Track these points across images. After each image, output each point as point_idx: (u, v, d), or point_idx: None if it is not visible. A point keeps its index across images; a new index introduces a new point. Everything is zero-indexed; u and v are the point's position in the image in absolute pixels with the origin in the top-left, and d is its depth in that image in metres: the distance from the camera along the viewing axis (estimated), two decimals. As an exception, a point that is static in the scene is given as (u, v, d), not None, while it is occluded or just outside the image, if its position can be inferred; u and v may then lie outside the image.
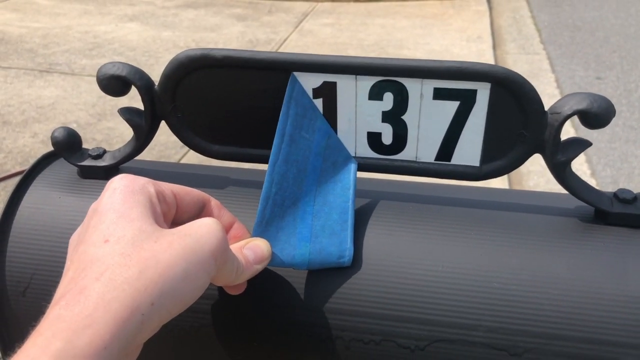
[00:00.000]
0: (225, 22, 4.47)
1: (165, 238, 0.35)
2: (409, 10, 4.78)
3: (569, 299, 0.43)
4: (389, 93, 0.47)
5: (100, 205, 0.38)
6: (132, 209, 0.37)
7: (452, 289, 0.44)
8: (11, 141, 2.64)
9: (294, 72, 0.47)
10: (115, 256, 0.34)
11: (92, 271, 0.33)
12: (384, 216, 0.48)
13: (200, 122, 0.51)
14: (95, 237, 0.35)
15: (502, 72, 0.44)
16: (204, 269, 0.36)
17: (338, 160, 0.48)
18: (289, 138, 0.44)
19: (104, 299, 0.32)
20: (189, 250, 0.35)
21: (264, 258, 0.43)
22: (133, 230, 0.35)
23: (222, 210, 0.44)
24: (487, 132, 0.47)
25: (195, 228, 0.37)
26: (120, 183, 0.39)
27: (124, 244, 0.34)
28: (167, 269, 0.34)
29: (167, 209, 0.40)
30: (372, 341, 0.45)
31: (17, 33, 4.10)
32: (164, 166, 0.57)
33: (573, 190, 0.47)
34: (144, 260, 0.34)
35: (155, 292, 0.33)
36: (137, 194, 0.38)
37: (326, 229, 0.45)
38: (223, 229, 0.38)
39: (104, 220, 0.36)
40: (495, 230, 0.47)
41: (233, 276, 0.39)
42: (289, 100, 0.45)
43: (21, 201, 0.51)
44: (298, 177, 0.44)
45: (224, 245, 0.37)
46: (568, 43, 4.04)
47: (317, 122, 0.47)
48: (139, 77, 0.49)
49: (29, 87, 3.23)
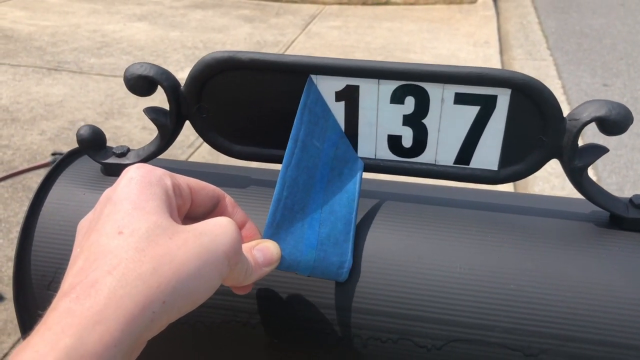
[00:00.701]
0: (233, 23, 4.48)
1: (180, 235, 0.35)
2: (416, 14, 4.79)
3: (584, 301, 0.44)
4: (411, 97, 0.48)
5: (115, 193, 0.37)
6: (148, 201, 0.36)
7: (468, 290, 0.45)
8: (19, 138, 2.65)
9: (310, 78, 0.48)
10: (129, 250, 0.33)
11: (105, 263, 0.32)
12: (403, 217, 0.49)
13: (224, 122, 0.52)
14: (109, 227, 0.34)
15: (522, 79, 0.45)
16: (217, 269, 0.35)
17: (344, 171, 0.49)
18: (301, 144, 0.45)
19: (115, 295, 0.31)
20: (204, 249, 0.35)
21: (273, 261, 0.42)
22: (148, 223, 0.34)
23: (236, 208, 0.44)
24: (506, 137, 0.48)
25: (211, 227, 0.36)
26: (137, 173, 0.38)
27: (138, 238, 0.34)
28: (180, 267, 0.33)
29: (182, 203, 0.40)
30: (390, 340, 0.46)
31: (26, 31, 4.12)
32: (183, 165, 0.58)
33: (589, 196, 0.48)
34: (158, 257, 0.33)
35: (167, 290, 0.32)
36: (153, 186, 0.37)
37: (331, 238, 0.45)
38: (238, 229, 0.37)
39: (118, 209, 0.35)
40: (512, 233, 0.48)
41: (242, 277, 0.39)
42: (303, 107, 0.46)
43: (47, 197, 0.52)
44: (307, 183, 0.44)
45: (238, 247, 0.37)
46: (575, 50, 4.04)
47: (327, 132, 0.48)
48: (165, 77, 0.50)
49: (37, 85, 3.25)
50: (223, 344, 0.49)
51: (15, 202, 2.21)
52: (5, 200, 2.22)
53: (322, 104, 0.48)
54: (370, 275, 0.46)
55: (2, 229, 2.06)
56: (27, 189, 2.29)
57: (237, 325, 0.48)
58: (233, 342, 0.49)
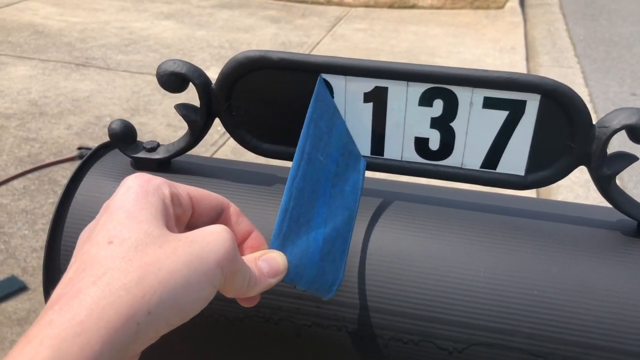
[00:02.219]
0: (259, 24, 4.51)
1: (170, 244, 0.34)
2: (442, 19, 4.76)
3: (609, 310, 0.44)
4: (439, 100, 0.48)
5: (112, 203, 0.36)
6: (142, 210, 0.35)
7: (491, 294, 0.45)
8: (47, 132, 2.70)
9: (316, 93, 0.47)
10: (117, 260, 0.32)
11: (91, 274, 0.32)
12: (427, 220, 0.49)
13: (253, 120, 0.52)
14: (101, 236, 0.34)
15: (552, 84, 0.45)
16: (208, 278, 0.34)
17: (345, 189, 0.48)
18: (307, 156, 0.44)
19: (98, 305, 0.30)
20: (194, 258, 0.33)
21: (279, 272, 0.40)
22: (139, 233, 0.34)
23: (241, 217, 0.43)
24: (533, 142, 0.48)
25: (202, 235, 0.35)
26: (134, 182, 0.37)
27: (127, 247, 0.33)
28: (168, 276, 0.32)
29: (181, 212, 0.39)
30: (411, 341, 0.46)
31: (56, 27, 4.18)
32: (212, 162, 0.59)
33: (617, 204, 0.48)
34: (144, 266, 0.32)
35: (153, 300, 0.31)
36: (150, 195, 0.36)
37: (330, 255, 0.45)
38: (233, 237, 0.36)
39: (112, 219, 0.35)
40: (536, 239, 0.48)
41: (245, 288, 0.38)
42: (310, 120, 0.46)
43: (78, 188, 0.53)
44: (312, 197, 0.44)
45: (233, 255, 0.35)
46: (603, 58, 3.99)
47: (330, 148, 0.48)
48: (197, 75, 0.51)
49: (65, 80, 3.30)
50: (245, 339, 0.50)
51: (41, 194, 2.25)
52: (32, 192, 2.26)
53: (327, 120, 0.48)
54: (393, 277, 0.47)
55: (28, 221, 2.10)
56: (53, 182, 2.33)
57: (260, 321, 0.48)
58: (255, 337, 0.49)
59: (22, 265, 1.89)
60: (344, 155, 0.49)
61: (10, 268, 1.87)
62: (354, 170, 0.50)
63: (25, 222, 2.09)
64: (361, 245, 0.48)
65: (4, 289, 1.78)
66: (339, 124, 0.50)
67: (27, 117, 2.84)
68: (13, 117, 2.83)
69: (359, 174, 0.50)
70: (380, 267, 0.47)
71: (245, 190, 0.52)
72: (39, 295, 1.76)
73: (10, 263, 1.89)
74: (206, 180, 0.54)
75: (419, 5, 5.08)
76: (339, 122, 0.50)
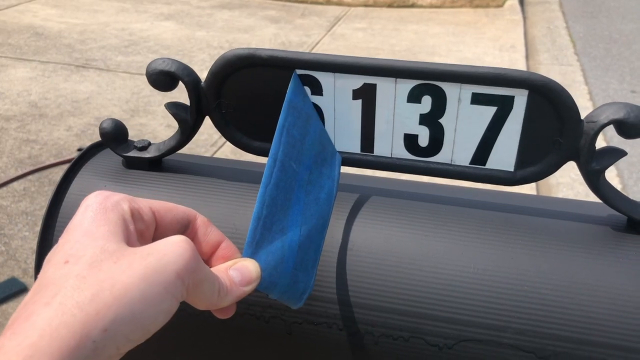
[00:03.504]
0: (258, 24, 4.51)
1: (126, 258, 0.33)
2: (442, 17, 4.76)
3: (598, 305, 0.44)
4: (428, 96, 0.48)
5: (71, 223, 0.36)
6: (100, 227, 0.35)
7: (482, 290, 0.45)
8: (46, 133, 2.70)
9: (287, 100, 0.47)
10: (70, 278, 0.31)
11: (44, 295, 0.31)
12: (418, 217, 0.49)
13: (243, 118, 0.52)
14: (58, 257, 0.33)
15: (540, 80, 0.45)
16: (167, 290, 0.33)
17: (320, 196, 0.48)
18: (280, 164, 0.44)
19: (50, 326, 0.29)
20: (150, 271, 0.32)
21: (252, 280, 0.39)
22: (94, 249, 0.33)
23: (210, 227, 0.42)
24: (522, 138, 0.48)
25: (159, 247, 0.34)
26: (93, 200, 0.37)
27: (81, 265, 0.32)
28: (123, 291, 0.31)
29: (144, 227, 0.38)
30: (401, 337, 0.46)
31: (56, 29, 4.19)
32: (204, 160, 0.59)
33: (606, 199, 0.48)
34: (99, 282, 0.31)
35: (108, 317, 0.30)
36: (108, 212, 0.36)
37: (303, 264, 0.44)
38: (193, 247, 0.35)
39: (69, 238, 0.34)
40: (527, 235, 0.48)
41: (215, 298, 0.37)
42: (282, 128, 0.45)
43: (69, 188, 0.53)
44: (285, 205, 0.44)
45: (193, 265, 0.34)
46: (603, 55, 3.99)
47: (302, 155, 0.47)
48: (186, 73, 0.51)
49: (65, 82, 3.30)
50: (236, 337, 0.50)
51: (41, 196, 2.25)
52: (32, 194, 2.26)
53: (300, 128, 0.47)
54: (383, 273, 0.47)
55: (29, 222, 2.10)
56: (53, 183, 2.33)
57: (251, 319, 0.49)
58: (246, 335, 0.49)
59: (23, 266, 1.89)
60: (317, 163, 0.49)
61: (11, 270, 1.88)
62: (328, 178, 0.49)
63: (25, 224, 2.09)
64: (351, 242, 0.48)
65: (4, 291, 1.79)
66: (312, 132, 0.49)
67: (27, 118, 2.84)
68: (13, 119, 2.83)
69: (333, 181, 0.49)
70: (371, 264, 0.47)
71: (236, 189, 0.53)
72: (39, 297, 1.76)
73: (10, 265, 1.90)
74: (197, 179, 0.54)
75: (419, 4, 5.08)
76: (313, 129, 0.49)
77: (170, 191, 0.53)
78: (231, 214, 0.51)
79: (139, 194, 0.52)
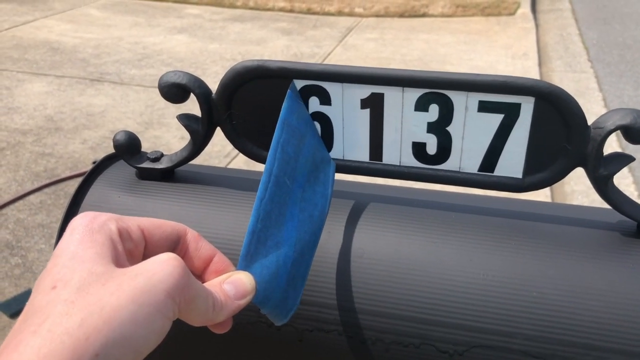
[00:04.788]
0: (270, 36, 4.54)
1: (115, 280, 0.32)
2: (453, 26, 4.77)
3: (607, 311, 0.44)
4: (435, 105, 0.49)
5: (58, 247, 0.35)
6: (87, 250, 0.34)
7: (491, 297, 0.45)
8: (62, 147, 2.74)
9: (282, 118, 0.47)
10: (58, 304, 0.31)
11: (32, 322, 0.30)
12: (426, 224, 0.50)
13: (254, 129, 0.53)
14: (46, 282, 0.33)
15: (546, 87, 0.46)
16: (158, 310, 0.32)
17: (314, 214, 0.48)
18: (275, 179, 0.44)
19: (39, 355, 0.29)
20: (139, 291, 0.32)
21: (247, 293, 0.39)
22: (82, 273, 0.32)
23: (201, 242, 0.41)
24: (530, 145, 0.48)
25: (148, 266, 0.34)
26: (79, 222, 0.36)
27: (69, 290, 0.32)
28: (112, 314, 0.31)
29: (133, 246, 0.38)
30: (412, 344, 0.46)
31: (71, 43, 4.25)
32: (216, 170, 0.60)
33: (615, 204, 0.48)
34: (87, 307, 0.31)
35: (99, 341, 0.30)
36: (95, 233, 0.35)
37: (294, 281, 0.44)
38: (183, 264, 0.34)
39: (57, 263, 0.34)
40: (536, 241, 0.48)
41: (210, 314, 0.36)
42: (276, 144, 0.46)
43: (84, 199, 0.54)
44: (279, 220, 0.44)
45: (184, 282, 0.34)
46: (617, 62, 3.96)
47: (296, 172, 0.47)
48: (197, 85, 0.52)
49: (80, 95, 3.35)
50: (247, 344, 0.50)
51: (57, 208, 2.28)
52: (48, 206, 2.29)
53: (294, 145, 0.48)
54: (394, 280, 0.47)
55: (45, 235, 2.13)
56: (69, 196, 2.36)
57: (262, 326, 0.49)
58: (257, 343, 0.50)
59: (39, 278, 1.91)
60: (310, 182, 0.49)
61: (27, 282, 1.90)
62: (322, 196, 0.49)
63: (42, 237, 2.12)
64: (362, 249, 0.49)
65: (20, 303, 1.81)
66: (306, 151, 0.49)
67: (43, 132, 2.88)
68: (29, 133, 2.87)
69: (326, 200, 0.50)
70: (380, 271, 0.47)
71: (248, 199, 0.53)
72: (56, 308, 1.78)
73: (27, 277, 1.92)
74: (209, 189, 0.55)
75: (430, 13, 5.09)
76: (307, 149, 0.50)
77: (182, 202, 0.53)
78: (242, 224, 0.51)
79: (152, 204, 0.53)
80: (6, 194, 2.36)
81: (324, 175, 0.51)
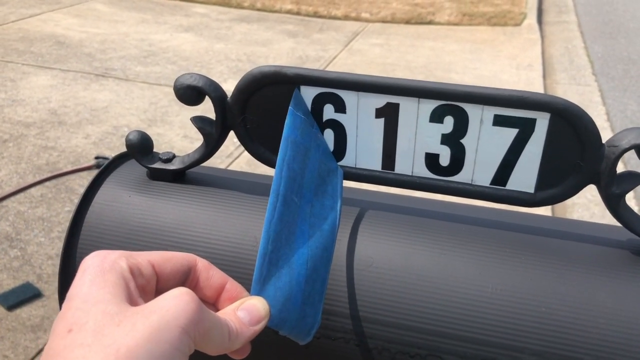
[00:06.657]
0: (276, 38, 4.55)
1: (129, 320, 0.33)
2: (459, 35, 4.78)
3: (616, 328, 0.44)
4: (450, 117, 0.49)
5: (71, 289, 0.35)
6: (100, 290, 0.34)
7: (499, 310, 0.45)
8: (65, 140, 2.74)
9: (285, 137, 0.47)
10: (75, 348, 0.31)
11: None
12: (437, 235, 0.50)
13: (267, 134, 0.53)
14: (61, 326, 0.33)
15: (562, 104, 0.46)
16: (174, 347, 0.32)
17: (324, 228, 0.48)
18: (282, 198, 0.44)
19: None
20: (154, 330, 0.32)
21: (262, 318, 0.39)
22: (96, 314, 0.33)
23: (212, 270, 0.41)
24: (543, 160, 0.48)
25: (161, 303, 0.34)
26: (90, 263, 0.36)
27: (85, 333, 0.32)
28: (129, 354, 0.31)
29: (145, 282, 0.38)
30: (418, 355, 0.46)
31: (77, 38, 4.25)
32: (226, 173, 0.60)
33: (626, 223, 0.48)
34: (103, 349, 0.31)
35: None
36: (106, 273, 0.35)
37: (310, 298, 0.44)
38: (195, 298, 0.35)
39: (71, 306, 0.34)
40: (546, 257, 0.48)
41: (226, 343, 0.37)
42: (282, 162, 0.46)
43: (94, 197, 0.54)
44: (289, 238, 0.44)
45: (198, 317, 0.34)
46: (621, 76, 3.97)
47: (303, 188, 0.47)
48: (213, 88, 0.52)
49: (84, 90, 3.35)
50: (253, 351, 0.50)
51: (57, 202, 2.28)
52: (49, 200, 2.29)
53: (299, 162, 0.48)
54: (402, 290, 0.47)
55: (45, 228, 2.13)
56: (70, 190, 2.36)
57: (269, 333, 0.49)
58: (263, 349, 0.50)
59: (37, 272, 1.91)
60: (317, 196, 0.49)
61: (26, 275, 1.90)
62: (331, 209, 0.49)
63: (41, 230, 2.12)
64: (371, 258, 0.49)
65: (19, 296, 1.81)
66: (311, 165, 0.49)
67: (46, 125, 2.89)
68: (33, 126, 2.87)
69: (336, 212, 0.49)
70: (389, 281, 0.47)
71: (258, 202, 0.53)
72: (53, 302, 1.78)
73: (25, 270, 1.92)
74: (219, 191, 0.55)
75: (436, 21, 5.10)
76: (312, 162, 0.50)
77: (193, 204, 0.53)
78: (252, 227, 0.51)
79: (163, 205, 0.53)
80: (7, 186, 2.36)
81: (332, 187, 0.51)
